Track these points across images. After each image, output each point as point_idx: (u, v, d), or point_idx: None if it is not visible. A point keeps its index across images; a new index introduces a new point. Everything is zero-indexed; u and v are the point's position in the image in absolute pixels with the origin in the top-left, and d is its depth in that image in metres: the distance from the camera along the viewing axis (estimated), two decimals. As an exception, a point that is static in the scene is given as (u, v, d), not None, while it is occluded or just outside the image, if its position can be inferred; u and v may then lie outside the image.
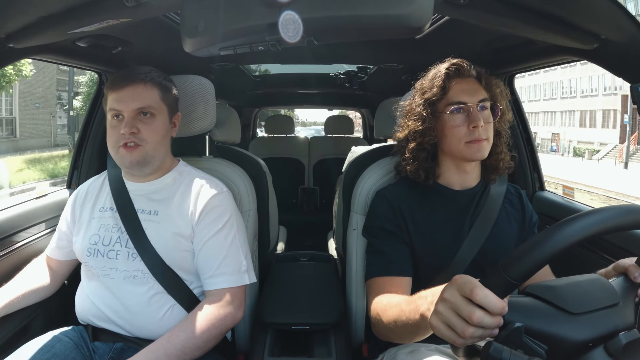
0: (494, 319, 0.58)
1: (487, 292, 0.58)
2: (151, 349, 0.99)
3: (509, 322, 0.60)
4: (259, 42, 0.80)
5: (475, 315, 0.58)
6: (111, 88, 1.11)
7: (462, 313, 0.60)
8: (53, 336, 1.10)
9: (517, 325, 0.60)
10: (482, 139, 1.03)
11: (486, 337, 0.61)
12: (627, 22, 0.80)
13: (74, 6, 0.83)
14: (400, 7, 0.69)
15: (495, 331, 0.60)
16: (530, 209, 1.17)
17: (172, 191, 1.16)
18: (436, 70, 1.08)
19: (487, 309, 0.58)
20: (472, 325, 0.59)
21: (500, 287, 0.59)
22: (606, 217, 0.60)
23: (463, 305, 0.60)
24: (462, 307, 0.60)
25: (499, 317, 0.59)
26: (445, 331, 0.63)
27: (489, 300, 0.58)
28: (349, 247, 1.32)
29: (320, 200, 3.58)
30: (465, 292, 0.60)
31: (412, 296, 0.84)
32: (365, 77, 2.55)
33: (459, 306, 0.60)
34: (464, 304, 0.60)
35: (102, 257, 1.10)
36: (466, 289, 0.60)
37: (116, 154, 1.11)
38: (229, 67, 2.11)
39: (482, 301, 0.58)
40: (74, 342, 1.10)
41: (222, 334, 1.09)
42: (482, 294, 0.58)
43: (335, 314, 1.35)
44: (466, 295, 0.60)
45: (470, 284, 0.60)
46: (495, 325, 0.59)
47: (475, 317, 0.58)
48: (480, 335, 0.60)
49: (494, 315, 0.58)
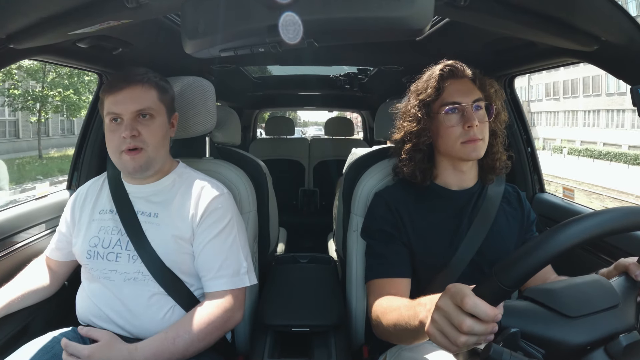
0: (485, 327, 0.59)
1: (477, 301, 0.59)
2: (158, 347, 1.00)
3: (505, 328, 0.61)
4: (259, 44, 0.80)
5: (464, 324, 0.59)
6: (108, 91, 1.09)
7: (454, 322, 0.61)
8: (53, 337, 1.09)
9: (512, 330, 0.60)
10: (478, 139, 1.03)
11: (480, 343, 0.61)
12: (626, 24, 0.80)
13: (74, 7, 0.83)
14: (401, 9, 0.69)
15: (490, 337, 0.60)
16: (528, 208, 1.17)
17: (172, 193, 1.16)
18: (430, 72, 1.09)
19: (478, 317, 0.59)
20: (463, 334, 0.60)
21: (494, 295, 0.59)
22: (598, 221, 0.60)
23: (454, 314, 0.61)
24: (454, 315, 0.61)
25: (492, 324, 0.59)
26: (441, 339, 0.64)
27: (480, 308, 0.59)
28: (349, 249, 1.32)
29: (320, 201, 3.57)
30: (457, 301, 0.61)
31: (411, 302, 0.85)
32: (365, 78, 2.55)
33: (451, 315, 0.62)
34: (455, 313, 0.61)
35: (101, 260, 1.10)
36: (457, 298, 0.61)
37: (119, 160, 1.10)
38: (230, 68, 2.11)
39: (472, 310, 0.59)
40: None
41: (221, 336, 1.10)
42: (471, 303, 0.59)
43: (335, 315, 1.34)
44: (458, 304, 0.61)
45: (461, 292, 0.61)
46: (487, 332, 0.60)
47: (465, 326, 0.59)
48: (474, 343, 0.61)
49: (486, 322, 0.59)
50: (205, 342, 1.04)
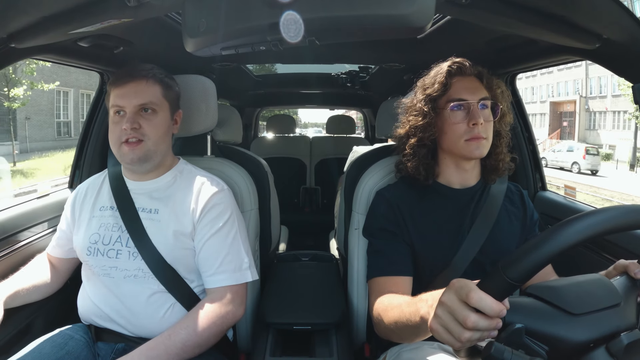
0: (490, 322, 0.59)
1: (483, 295, 0.59)
2: (151, 345, 0.99)
3: (509, 324, 0.60)
4: (260, 42, 0.80)
5: (469, 319, 0.59)
6: (114, 84, 1.12)
7: (458, 317, 0.61)
8: (65, 334, 1.10)
9: (517, 326, 0.60)
10: (482, 137, 1.03)
11: (485, 339, 0.61)
12: (628, 22, 0.79)
13: (75, 6, 0.83)
14: (402, 7, 0.69)
15: (494, 333, 0.60)
16: (531, 207, 1.17)
17: (173, 189, 1.16)
18: (438, 68, 1.09)
19: (484, 312, 0.59)
20: (468, 329, 0.60)
21: (500, 289, 0.59)
22: (606, 217, 0.60)
23: (459, 309, 0.61)
24: (458, 311, 0.61)
25: (496, 319, 0.59)
26: (444, 335, 0.63)
27: (485, 303, 0.58)
28: (351, 247, 1.32)
29: (321, 200, 3.58)
30: (462, 296, 0.61)
31: (412, 298, 0.85)
32: (366, 76, 2.55)
33: (455, 310, 0.61)
34: (460, 308, 0.61)
35: (101, 256, 1.11)
36: (462, 292, 0.61)
37: (118, 150, 1.12)
38: (231, 66, 2.11)
39: (478, 304, 0.59)
40: (85, 341, 1.11)
41: (223, 332, 1.09)
42: (477, 297, 0.59)
43: (336, 313, 1.34)
44: (462, 299, 0.61)
45: (466, 287, 0.61)
46: (492, 328, 0.59)
47: (470, 322, 0.59)
48: (478, 338, 0.61)
49: (491, 318, 0.59)
50: (203, 337, 1.03)
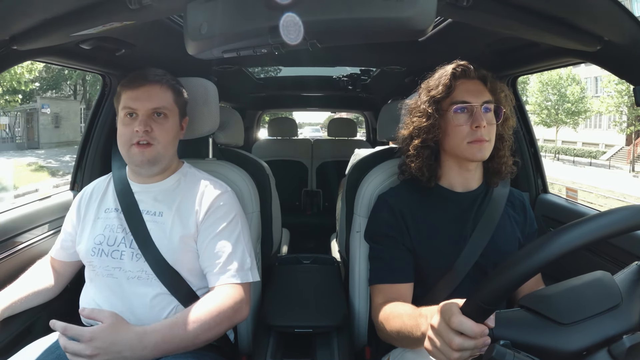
0: (474, 342, 0.64)
1: (463, 319, 0.64)
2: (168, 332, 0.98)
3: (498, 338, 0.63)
4: (262, 45, 0.80)
5: (454, 342, 0.64)
6: (127, 86, 1.13)
7: (445, 340, 0.66)
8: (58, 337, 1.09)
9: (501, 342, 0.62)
10: (484, 140, 1.03)
11: (475, 356, 0.65)
12: (629, 24, 0.79)
13: (77, 9, 0.83)
14: (403, 10, 0.69)
15: (483, 349, 0.64)
16: (531, 217, 1.17)
17: (177, 192, 1.17)
18: (443, 70, 1.09)
19: (466, 335, 0.63)
20: (455, 351, 0.65)
21: (477, 313, 0.63)
22: (572, 236, 0.59)
23: (445, 332, 0.66)
24: (444, 334, 0.66)
25: (482, 338, 0.63)
26: (438, 355, 0.69)
27: (466, 326, 0.63)
28: (352, 250, 1.32)
29: (323, 202, 3.57)
30: (446, 320, 0.66)
31: (414, 310, 0.90)
32: (368, 79, 2.55)
33: (442, 333, 0.67)
34: (445, 331, 0.67)
35: (106, 257, 1.11)
36: (446, 317, 0.66)
37: (127, 152, 1.12)
38: (232, 69, 2.12)
39: (459, 328, 0.64)
40: None
41: (229, 328, 1.08)
42: (457, 322, 0.64)
43: (338, 316, 1.34)
44: (447, 323, 0.66)
45: (449, 312, 0.66)
46: (479, 346, 0.64)
47: (454, 344, 0.64)
48: (469, 356, 0.65)
49: (474, 338, 0.63)
50: (214, 331, 1.02)
